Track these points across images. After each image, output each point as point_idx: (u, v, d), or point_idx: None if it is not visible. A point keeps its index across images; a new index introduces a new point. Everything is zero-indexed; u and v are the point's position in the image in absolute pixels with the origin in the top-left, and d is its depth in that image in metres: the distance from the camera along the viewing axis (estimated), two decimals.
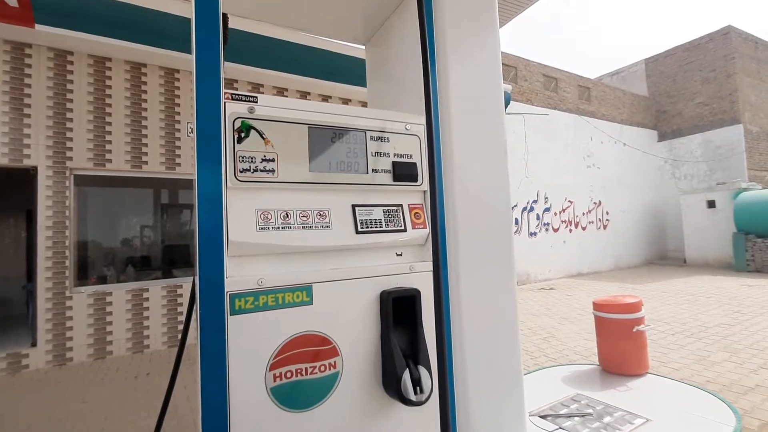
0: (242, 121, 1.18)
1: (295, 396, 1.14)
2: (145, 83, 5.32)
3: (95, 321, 4.92)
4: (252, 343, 1.10)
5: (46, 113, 4.77)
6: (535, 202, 11.08)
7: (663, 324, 5.55)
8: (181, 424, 3.06)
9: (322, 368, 1.19)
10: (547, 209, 11.35)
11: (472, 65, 1.70)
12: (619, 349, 2.84)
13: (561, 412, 2.16)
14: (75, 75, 4.94)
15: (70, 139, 4.88)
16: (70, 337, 4.77)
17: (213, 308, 1.07)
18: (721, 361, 3.97)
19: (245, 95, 1.21)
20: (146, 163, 5.29)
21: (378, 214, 1.36)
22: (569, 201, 11.92)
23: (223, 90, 1.16)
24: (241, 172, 1.16)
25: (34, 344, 4.67)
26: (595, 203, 12.63)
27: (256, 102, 1.22)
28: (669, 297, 7.53)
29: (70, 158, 4.86)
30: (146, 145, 5.30)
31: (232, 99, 1.19)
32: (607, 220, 12.89)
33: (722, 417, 1.93)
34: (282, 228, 1.19)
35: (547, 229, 11.24)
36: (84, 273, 5.12)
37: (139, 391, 3.84)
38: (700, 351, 4.32)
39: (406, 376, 1.22)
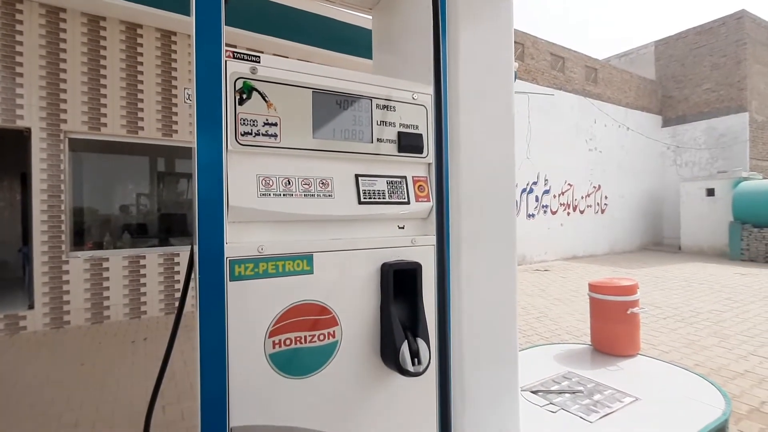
0: (244, 82, 1.13)
1: (294, 363, 1.14)
2: (140, 45, 5.15)
3: (92, 286, 4.94)
4: (251, 309, 1.09)
5: (38, 73, 4.63)
6: (535, 183, 11.04)
7: (655, 308, 5.63)
8: (178, 387, 3.12)
9: (321, 337, 1.18)
10: (547, 191, 11.33)
11: (483, 36, 1.63)
12: (612, 330, 2.88)
13: (552, 388, 2.20)
14: (68, 34, 4.77)
15: (64, 101, 4.75)
16: (67, 301, 4.80)
17: (212, 273, 1.05)
18: (710, 345, 4.05)
19: (247, 54, 1.16)
20: (142, 128, 5.19)
21: (381, 185, 1.33)
22: (569, 184, 11.89)
23: (224, 47, 1.10)
24: (242, 135, 1.12)
25: (31, 307, 4.70)
26: (594, 187, 12.61)
27: (259, 62, 1.16)
28: (662, 282, 7.62)
29: (65, 121, 4.75)
30: (142, 110, 5.18)
31: (234, 57, 1.13)
32: (605, 204, 12.90)
33: (711, 399, 1.97)
34: (283, 195, 1.16)
35: (545, 212, 11.25)
36: (80, 238, 5.10)
37: (137, 356, 3.89)
38: (690, 335, 4.40)
39: (405, 348, 1.21)
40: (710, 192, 11.89)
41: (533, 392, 2.14)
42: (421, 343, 1.25)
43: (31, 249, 4.71)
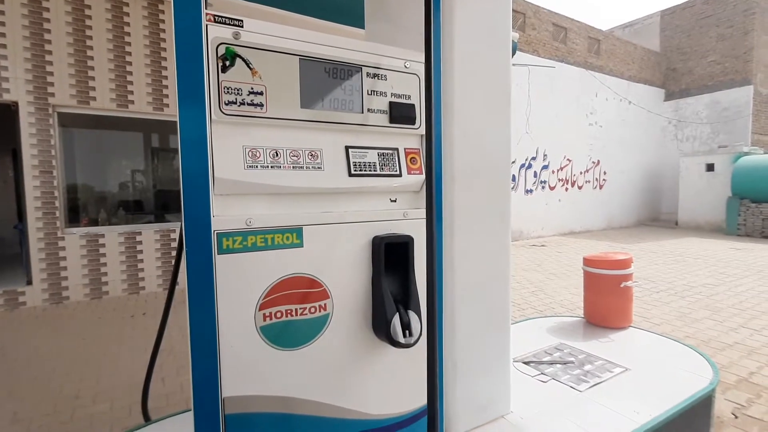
0: (226, 48, 1.08)
1: (285, 335, 1.14)
2: (127, 14, 4.96)
3: (89, 262, 4.95)
4: (241, 283, 1.08)
5: (23, 44, 4.47)
6: (533, 159, 10.95)
7: (649, 282, 5.70)
8: (177, 360, 3.17)
9: (312, 310, 1.18)
10: (545, 167, 11.25)
11: (480, 3, 1.56)
12: (605, 303, 2.90)
13: (544, 359, 2.24)
14: (51, 3, 4.58)
15: (51, 74, 4.62)
16: (65, 277, 4.82)
17: (200, 247, 1.04)
18: (702, 318, 4.11)
19: (229, 18, 1.10)
20: (132, 102, 5.07)
21: (372, 156, 1.30)
22: (568, 159, 11.80)
23: (204, 10, 1.05)
24: (226, 104, 1.08)
25: (29, 282, 4.72)
26: (593, 162, 12.53)
27: (242, 27, 1.11)
28: (657, 257, 7.69)
29: (52, 94, 4.64)
30: (131, 83, 5.05)
31: (215, 21, 1.07)
32: (603, 180, 12.86)
33: (700, 370, 2.01)
34: (271, 167, 1.13)
35: (543, 187, 11.21)
36: (75, 215, 5.07)
37: (136, 330, 3.95)
38: (682, 308, 4.47)
39: (396, 320, 1.22)
40: (710, 167, 11.83)
41: (525, 363, 2.18)
42: (412, 315, 1.25)
43: (26, 225, 4.69)
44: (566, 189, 11.80)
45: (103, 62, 4.87)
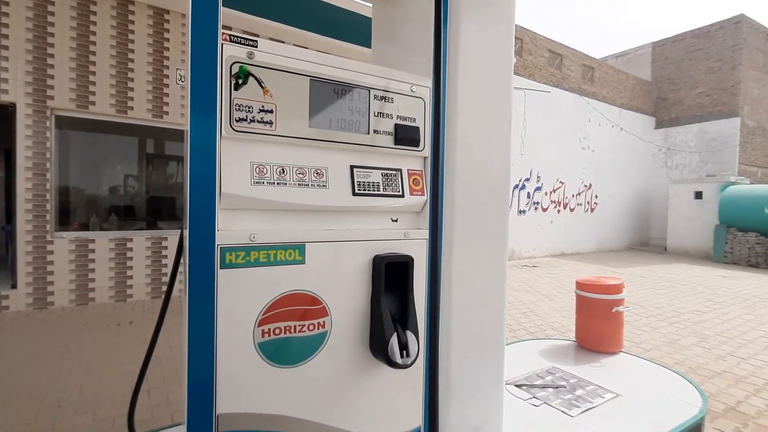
0: (240, 67, 1.11)
1: (283, 352, 1.14)
2: (132, 22, 5.01)
3: (77, 267, 4.86)
4: (241, 298, 1.08)
5: (25, 47, 4.48)
6: (527, 180, 11.10)
7: (638, 307, 5.74)
8: (163, 371, 3.11)
9: (311, 327, 1.18)
10: (539, 188, 11.40)
11: (484, 31, 1.61)
12: (597, 327, 2.93)
13: (536, 383, 2.24)
14: (56, 7, 4.62)
15: (51, 77, 4.62)
16: (51, 282, 4.73)
17: (202, 260, 1.04)
18: (690, 345, 4.15)
19: (244, 38, 1.13)
20: (132, 108, 5.07)
21: (376, 177, 1.32)
22: (561, 182, 11.98)
23: (220, 30, 1.07)
24: (237, 121, 1.10)
25: (14, 286, 4.62)
26: (585, 186, 12.72)
27: (256, 47, 1.14)
28: (647, 282, 7.76)
29: (51, 97, 4.63)
30: (132, 89, 5.06)
31: (230, 41, 1.10)
32: (595, 203, 13.04)
33: (689, 398, 2.03)
34: (277, 184, 1.15)
35: (536, 208, 11.34)
36: (65, 218, 5.00)
37: (122, 339, 3.86)
38: (671, 335, 4.50)
39: (394, 340, 1.22)
40: (698, 195, 12.08)
41: (517, 386, 2.17)
42: (410, 335, 1.26)
43: (14, 227, 4.61)
44: (558, 211, 11.95)
45: (105, 68, 4.89)
